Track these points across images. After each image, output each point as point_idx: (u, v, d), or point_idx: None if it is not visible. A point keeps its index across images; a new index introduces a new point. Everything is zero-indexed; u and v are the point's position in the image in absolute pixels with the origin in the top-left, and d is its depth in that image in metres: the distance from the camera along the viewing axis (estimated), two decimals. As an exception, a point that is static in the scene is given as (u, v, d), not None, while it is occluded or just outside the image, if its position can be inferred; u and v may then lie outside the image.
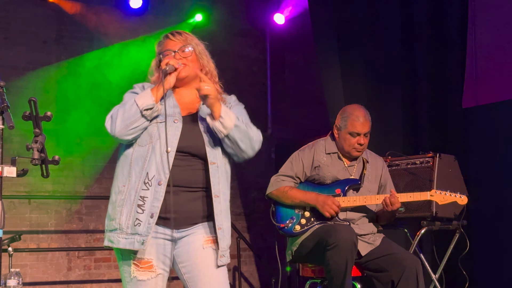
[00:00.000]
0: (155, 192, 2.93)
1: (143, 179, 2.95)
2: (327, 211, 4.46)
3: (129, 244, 2.94)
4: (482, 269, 5.82)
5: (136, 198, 2.95)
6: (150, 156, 2.96)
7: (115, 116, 2.97)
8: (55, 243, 7.19)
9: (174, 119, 3.02)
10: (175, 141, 2.98)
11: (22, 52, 7.22)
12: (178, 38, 3.15)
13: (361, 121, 4.57)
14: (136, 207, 2.94)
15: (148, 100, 2.97)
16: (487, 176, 5.92)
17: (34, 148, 2.77)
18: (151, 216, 2.93)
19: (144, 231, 2.93)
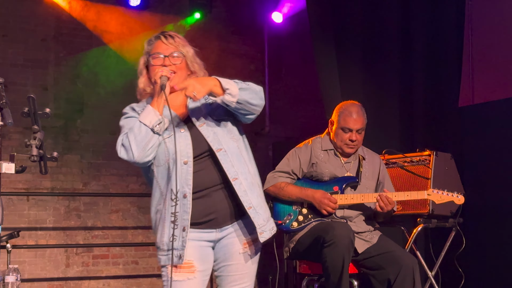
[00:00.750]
0: (183, 205, 2.96)
1: (169, 196, 2.97)
2: (324, 208, 4.48)
3: (168, 259, 2.99)
4: (478, 266, 5.83)
5: (168, 215, 2.98)
6: (171, 173, 2.97)
7: (127, 143, 2.96)
8: (54, 239, 7.20)
9: (180, 128, 3.03)
10: (190, 150, 2.99)
11: (21, 49, 7.22)
12: (170, 42, 3.10)
13: (354, 117, 4.57)
14: (170, 224, 2.97)
15: (154, 116, 2.95)
16: (483, 174, 5.93)
17: (33, 144, 2.78)
18: (183, 229, 2.96)
19: (179, 245, 2.97)
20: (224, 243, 3.09)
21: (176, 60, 3.07)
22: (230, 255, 3.10)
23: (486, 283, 5.81)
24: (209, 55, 7.91)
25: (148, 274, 7.50)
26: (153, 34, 3.24)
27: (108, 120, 7.42)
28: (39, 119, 2.84)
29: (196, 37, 7.88)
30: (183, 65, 3.09)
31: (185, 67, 3.11)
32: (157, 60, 3.07)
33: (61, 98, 7.34)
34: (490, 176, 5.88)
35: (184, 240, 2.96)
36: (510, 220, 5.70)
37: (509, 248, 5.67)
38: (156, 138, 2.97)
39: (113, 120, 7.35)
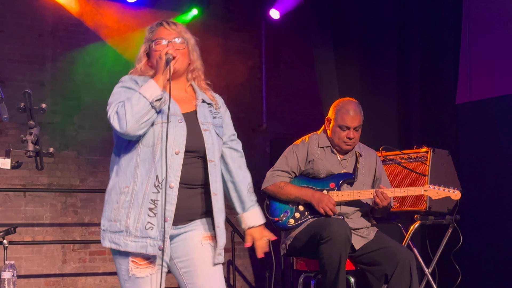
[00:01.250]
0: (167, 195, 2.87)
1: (152, 182, 2.88)
2: (323, 208, 4.47)
3: (141, 247, 2.88)
4: (475, 263, 5.85)
5: (146, 201, 2.87)
6: (159, 158, 2.88)
7: (122, 112, 2.86)
8: (50, 236, 7.19)
9: (179, 118, 2.95)
10: (183, 142, 2.92)
11: (17, 45, 7.20)
12: (173, 28, 3.08)
13: (351, 115, 4.56)
14: (147, 210, 2.87)
15: (156, 90, 2.89)
16: (480, 171, 5.94)
17: (29, 140, 2.76)
18: (165, 220, 2.87)
19: (157, 235, 2.87)
20: (182, 237, 3.01)
21: (179, 46, 3.05)
22: (191, 248, 3.01)
23: (483, 279, 5.83)
24: (207, 52, 7.86)
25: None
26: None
27: (105, 116, 7.39)
28: (35, 114, 2.82)
29: (193, 33, 7.84)
30: (185, 51, 3.07)
31: (187, 54, 3.09)
32: (160, 46, 3.04)
33: (58, 94, 7.33)
34: (487, 173, 5.89)
35: (163, 231, 2.87)
36: (506, 217, 5.71)
37: (506, 244, 5.68)
38: (153, 113, 2.88)
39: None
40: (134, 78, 3.07)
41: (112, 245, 2.92)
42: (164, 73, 2.94)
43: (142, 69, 3.10)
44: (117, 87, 3.05)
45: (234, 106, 8.04)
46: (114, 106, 2.92)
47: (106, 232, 2.94)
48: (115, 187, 2.94)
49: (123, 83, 3.06)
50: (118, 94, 3.00)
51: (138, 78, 3.06)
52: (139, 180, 2.89)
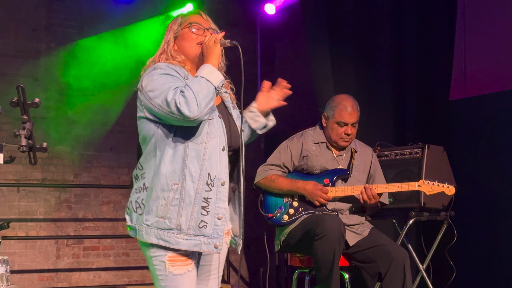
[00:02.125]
0: (218, 192, 2.86)
1: (204, 180, 2.84)
2: (317, 199, 4.47)
3: (194, 245, 2.84)
4: (470, 259, 5.85)
5: (198, 199, 2.83)
6: (209, 155, 2.85)
7: (191, 96, 2.72)
8: (44, 231, 7.18)
9: (218, 114, 2.93)
10: (224, 138, 2.91)
11: (11, 39, 7.18)
12: (208, 19, 3.06)
13: (349, 111, 4.56)
14: (200, 209, 2.83)
15: (219, 75, 2.84)
16: (475, 167, 5.94)
17: (22, 134, 2.74)
18: (218, 218, 2.86)
19: (210, 233, 2.85)
20: None
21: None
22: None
23: (477, 276, 5.83)
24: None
25: (139, 266, 7.49)
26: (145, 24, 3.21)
27: (100, 112, 7.40)
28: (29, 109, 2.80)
29: (189, 28, 7.83)
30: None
31: None
32: (199, 31, 3.00)
33: (52, 89, 7.31)
34: (482, 169, 5.89)
35: (217, 228, 2.85)
36: (501, 213, 5.71)
37: (500, 241, 5.68)
38: (214, 99, 2.83)
39: (104, 112, 7.40)
40: (170, 66, 2.95)
41: (160, 242, 2.85)
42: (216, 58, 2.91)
43: (171, 52, 3.02)
44: (158, 74, 2.88)
45: (229, 101, 8.03)
46: (173, 91, 2.77)
47: (151, 228, 2.85)
48: (161, 183, 2.85)
49: (162, 70, 2.90)
50: (165, 80, 2.85)
51: (173, 66, 2.94)
52: (188, 177, 2.83)
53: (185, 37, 3.01)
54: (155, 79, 2.85)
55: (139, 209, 2.90)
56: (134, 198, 2.94)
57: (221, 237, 2.87)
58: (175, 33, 3.03)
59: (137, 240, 2.94)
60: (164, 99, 2.77)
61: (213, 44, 2.91)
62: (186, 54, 3.00)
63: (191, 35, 3.00)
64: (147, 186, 2.89)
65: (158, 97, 2.80)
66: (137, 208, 2.91)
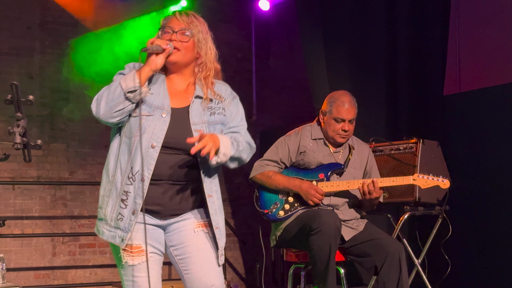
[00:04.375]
0: (138, 188, 2.88)
1: (127, 174, 2.90)
2: (311, 199, 4.48)
3: (111, 237, 2.94)
4: (464, 253, 5.86)
5: (121, 192, 2.91)
6: (135, 150, 2.89)
7: (100, 98, 2.88)
8: (40, 229, 7.17)
9: (162, 112, 2.93)
10: (161, 136, 2.90)
11: (5, 37, 7.16)
12: (183, 19, 3.00)
13: (347, 107, 4.56)
14: (120, 202, 2.91)
15: (131, 82, 2.85)
16: (469, 162, 5.94)
17: (16, 132, 2.73)
18: (133, 212, 2.90)
19: (125, 226, 2.91)
20: (175, 227, 3.02)
21: (184, 38, 2.98)
22: (185, 236, 3.01)
23: (472, 270, 5.84)
24: (196, 43, 7.85)
25: (135, 263, 7.50)
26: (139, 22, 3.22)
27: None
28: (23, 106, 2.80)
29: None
30: (189, 44, 2.99)
31: (192, 48, 3.01)
32: (166, 35, 3.00)
33: (46, 87, 7.30)
34: (476, 164, 5.90)
35: (131, 223, 2.89)
36: (495, 208, 5.72)
37: (495, 235, 5.69)
38: (127, 104, 2.87)
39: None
40: (135, 64, 3.02)
41: (96, 231, 3.02)
42: (147, 64, 2.90)
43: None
44: (117, 74, 3.03)
45: (224, 98, 8.02)
46: (101, 90, 2.93)
47: (97, 219, 3.02)
48: (105, 175, 3.01)
49: (121, 70, 3.04)
50: (114, 80, 2.98)
51: (138, 65, 2.98)
52: (118, 170, 2.94)
53: None
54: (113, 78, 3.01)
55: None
56: None
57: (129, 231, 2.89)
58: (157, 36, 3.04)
59: None
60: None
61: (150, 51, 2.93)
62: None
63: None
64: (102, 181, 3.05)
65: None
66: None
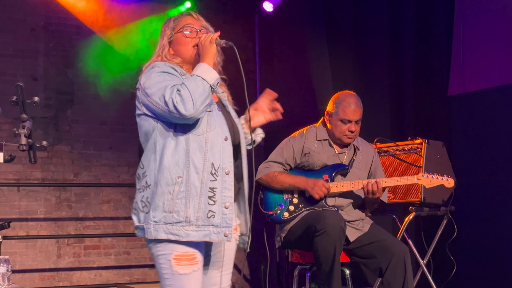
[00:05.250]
0: (223, 181, 2.89)
1: (208, 170, 2.87)
2: (317, 192, 4.46)
3: (204, 236, 2.86)
4: (470, 254, 5.85)
5: (204, 190, 2.86)
6: (212, 146, 2.89)
7: (187, 94, 2.78)
8: (45, 230, 7.17)
9: (217, 107, 2.99)
10: (226, 129, 2.96)
11: (9, 39, 7.16)
12: (200, 19, 3.10)
13: (353, 108, 4.55)
14: (207, 199, 2.86)
15: (215, 73, 2.89)
16: (474, 162, 5.94)
17: (21, 133, 2.75)
18: (225, 206, 2.89)
19: (219, 222, 2.87)
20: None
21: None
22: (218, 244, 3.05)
23: (478, 271, 5.83)
24: (200, 45, 7.86)
25: (140, 265, 7.49)
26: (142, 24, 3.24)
27: (99, 110, 7.39)
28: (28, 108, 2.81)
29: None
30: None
31: None
32: (192, 33, 3.04)
33: (51, 89, 7.30)
34: (481, 164, 5.89)
35: (225, 217, 2.88)
36: (501, 208, 5.72)
37: (500, 235, 5.69)
38: (211, 97, 2.88)
39: (104, 110, 7.40)
40: (168, 64, 3.00)
41: (169, 236, 2.85)
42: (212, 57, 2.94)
43: (167, 57, 3.06)
44: (156, 72, 2.93)
45: (228, 99, 8.03)
46: (170, 90, 2.81)
47: (159, 224, 2.86)
48: (166, 178, 2.86)
49: (159, 68, 2.95)
50: (163, 78, 2.90)
51: (170, 65, 2.99)
52: (192, 169, 2.86)
53: (180, 42, 3.06)
54: (153, 77, 2.89)
55: (145, 208, 2.91)
56: (139, 198, 2.95)
57: (230, 226, 2.89)
58: (169, 38, 3.07)
59: (145, 240, 2.94)
60: (161, 97, 2.81)
61: (208, 43, 2.94)
62: (183, 57, 3.05)
63: (185, 39, 3.04)
64: (149, 183, 2.90)
65: (155, 95, 2.84)
66: (144, 207, 2.92)
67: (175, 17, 3.12)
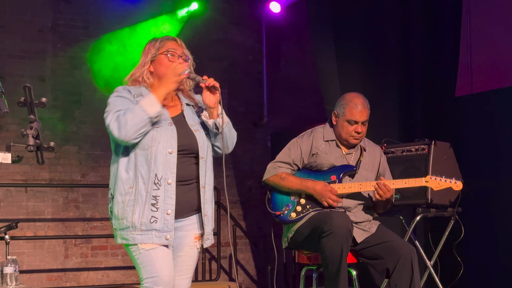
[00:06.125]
0: (166, 190, 3.19)
1: (152, 180, 3.18)
2: (326, 200, 4.45)
3: (147, 239, 3.19)
4: (477, 255, 5.83)
5: (148, 198, 3.18)
6: (155, 159, 3.19)
7: (123, 121, 3.11)
8: (52, 231, 7.19)
9: (168, 122, 3.26)
10: (175, 143, 3.23)
11: (17, 40, 7.19)
12: (182, 45, 3.39)
13: (360, 109, 4.53)
14: (150, 206, 3.18)
15: (157, 107, 3.15)
16: (482, 163, 5.91)
17: (29, 134, 2.76)
18: (167, 213, 3.20)
19: (161, 227, 3.19)
20: (178, 234, 3.31)
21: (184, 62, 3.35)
22: (182, 246, 3.36)
23: (485, 272, 5.81)
24: (207, 46, 7.87)
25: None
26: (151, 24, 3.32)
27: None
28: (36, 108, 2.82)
29: (194, 27, 7.84)
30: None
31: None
32: (173, 57, 3.33)
33: (58, 89, 7.33)
34: (488, 165, 5.86)
35: (168, 222, 3.19)
36: (508, 210, 5.69)
37: (508, 237, 5.66)
38: (149, 126, 3.16)
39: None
40: (127, 88, 3.33)
41: (122, 241, 3.23)
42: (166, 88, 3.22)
43: (143, 75, 3.37)
44: (112, 96, 3.29)
45: (235, 100, 8.02)
46: (112, 115, 3.16)
47: (117, 231, 3.25)
48: (119, 188, 3.23)
49: (118, 93, 3.30)
50: (114, 103, 3.24)
51: (131, 88, 3.33)
52: (140, 180, 3.19)
53: (161, 62, 3.34)
54: (110, 101, 3.28)
55: (111, 217, 3.30)
56: (108, 208, 3.34)
57: (171, 230, 3.21)
58: (153, 57, 3.37)
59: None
60: (106, 119, 3.20)
61: (171, 75, 3.23)
62: (160, 77, 3.31)
63: (167, 62, 3.33)
64: (112, 195, 3.27)
65: (106, 118, 3.22)
66: (110, 217, 3.31)
67: (161, 39, 3.41)
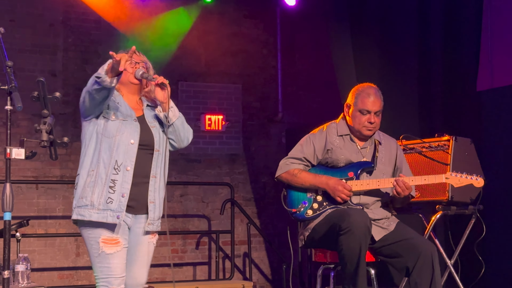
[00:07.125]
0: (123, 176, 3.59)
1: (112, 165, 3.59)
2: (339, 196, 4.40)
3: (102, 218, 3.54)
4: (499, 254, 5.76)
5: (107, 180, 3.57)
6: (118, 147, 3.61)
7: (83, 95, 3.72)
8: (63, 228, 7.18)
9: (134, 119, 3.72)
10: (137, 136, 3.67)
11: (28, 34, 7.20)
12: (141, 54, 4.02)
13: (372, 99, 4.49)
14: (108, 188, 3.56)
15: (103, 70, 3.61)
16: (504, 160, 5.84)
17: (43, 129, 2.76)
18: (122, 195, 3.58)
19: (116, 207, 3.56)
20: (137, 231, 3.71)
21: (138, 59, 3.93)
22: (140, 242, 3.75)
23: (507, 271, 5.75)
24: (221, 40, 7.84)
25: (159, 264, 7.44)
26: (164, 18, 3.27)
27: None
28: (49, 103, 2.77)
29: (208, 21, 7.81)
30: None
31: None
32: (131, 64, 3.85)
33: (70, 84, 7.33)
34: (510, 161, 5.77)
35: (121, 204, 3.57)
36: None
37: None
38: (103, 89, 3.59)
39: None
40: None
41: (78, 217, 3.59)
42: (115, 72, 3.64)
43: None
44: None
45: (249, 95, 7.99)
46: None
47: (75, 208, 3.62)
48: (84, 171, 3.64)
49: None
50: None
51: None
52: (101, 164, 3.60)
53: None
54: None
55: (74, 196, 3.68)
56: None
57: (123, 211, 3.57)
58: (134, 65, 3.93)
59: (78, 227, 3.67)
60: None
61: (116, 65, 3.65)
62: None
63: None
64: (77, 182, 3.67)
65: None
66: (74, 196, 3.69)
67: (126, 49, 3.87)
